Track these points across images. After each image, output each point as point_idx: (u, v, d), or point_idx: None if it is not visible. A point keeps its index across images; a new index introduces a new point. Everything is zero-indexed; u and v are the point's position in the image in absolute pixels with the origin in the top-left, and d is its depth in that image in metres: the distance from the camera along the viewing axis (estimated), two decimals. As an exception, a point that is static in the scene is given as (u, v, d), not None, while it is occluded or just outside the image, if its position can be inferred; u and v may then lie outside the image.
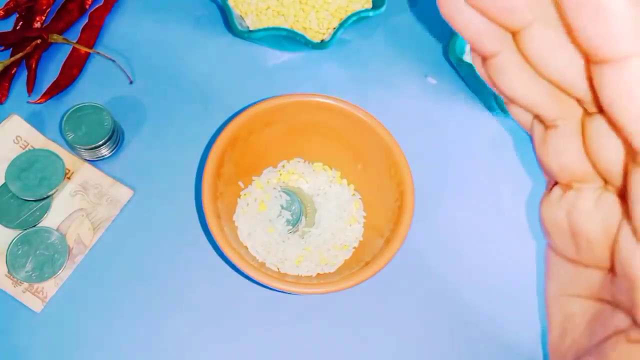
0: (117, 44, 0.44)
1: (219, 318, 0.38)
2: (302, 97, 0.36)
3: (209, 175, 0.34)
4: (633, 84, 0.11)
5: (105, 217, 0.39)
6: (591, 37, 0.11)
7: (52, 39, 0.42)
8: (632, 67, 0.11)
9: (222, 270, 0.38)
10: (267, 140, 0.38)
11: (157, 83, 0.43)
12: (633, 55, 0.11)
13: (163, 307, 0.37)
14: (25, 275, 0.36)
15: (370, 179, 0.38)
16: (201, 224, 0.40)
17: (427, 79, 0.45)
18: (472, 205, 0.41)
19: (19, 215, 0.38)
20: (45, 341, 0.36)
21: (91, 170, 0.40)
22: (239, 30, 0.40)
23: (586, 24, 0.11)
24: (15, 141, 0.40)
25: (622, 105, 0.11)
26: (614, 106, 0.11)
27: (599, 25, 0.11)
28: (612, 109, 0.11)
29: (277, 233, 0.38)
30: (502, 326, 0.39)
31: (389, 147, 0.36)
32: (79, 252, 0.38)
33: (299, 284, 0.33)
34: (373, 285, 0.36)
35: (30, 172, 0.37)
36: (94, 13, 0.44)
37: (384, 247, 0.34)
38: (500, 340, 0.38)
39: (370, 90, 0.44)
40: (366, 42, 0.46)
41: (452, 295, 0.39)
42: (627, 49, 0.11)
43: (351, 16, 0.40)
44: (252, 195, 0.39)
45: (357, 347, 0.38)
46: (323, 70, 0.44)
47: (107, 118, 0.39)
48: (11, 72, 0.41)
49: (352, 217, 0.39)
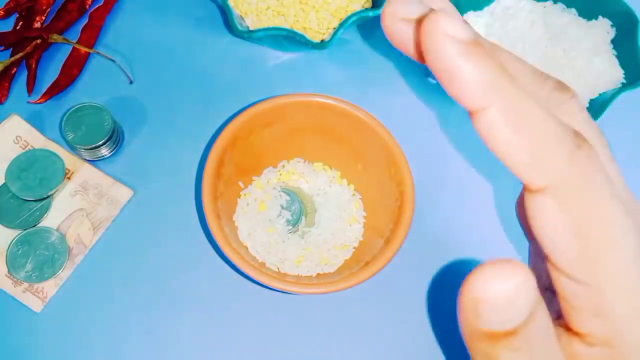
0: (117, 44, 0.44)
1: (219, 318, 0.38)
2: (302, 97, 0.36)
3: (209, 175, 0.34)
4: (490, 126, 0.14)
5: (105, 217, 0.39)
6: (457, 98, 0.14)
7: (52, 39, 0.42)
8: (486, 115, 0.14)
9: (222, 270, 0.38)
10: (267, 140, 0.38)
11: (157, 83, 0.43)
12: (485, 107, 0.14)
13: (163, 307, 0.37)
14: (25, 275, 0.36)
15: (370, 179, 0.38)
16: (201, 224, 0.40)
17: (427, 79, 0.45)
18: (472, 205, 0.41)
19: (19, 215, 0.38)
20: (45, 341, 0.36)
21: (91, 170, 0.40)
22: (239, 30, 0.40)
23: (449, 87, 0.14)
24: (15, 141, 0.40)
25: (490, 143, 0.14)
26: (488, 143, 0.14)
27: (457, 88, 0.14)
28: (486, 144, 0.14)
29: (277, 233, 0.38)
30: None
31: (389, 147, 0.36)
32: (79, 252, 0.38)
33: (299, 284, 0.33)
34: (373, 285, 0.36)
35: (30, 172, 0.37)
36: (94, 13, 0.43)
37: (384, 247, 0.34)
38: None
39: (370, 90, 0.44)
40: (366, 42, 0.46)
41: (452, 295, 0.39)
42: (478, 104, 0.14)
43: (351, 16, 0.40)
44: (252, 195, 0.39)
45: (357, 347, 0.38)
46: (323, 70, 0.44)
47: (107, 118, 0.39)
48: (11, 72, 0.41)
49: (352, 217, 0.39)
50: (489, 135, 0.14)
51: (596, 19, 0.43)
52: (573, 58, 0.42)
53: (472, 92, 0.14)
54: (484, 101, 0.14)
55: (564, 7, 0.44)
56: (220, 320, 0.38)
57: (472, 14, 0.43)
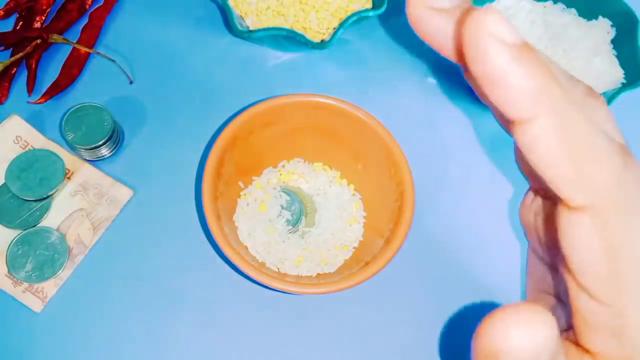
0: (117, 44, 0.44)
1: (219, 318, 0.38)
2: (302, 97, 0.36)
3: (209, 175, 0.34)
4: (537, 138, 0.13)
5: (105, 217, 0.39)
6: (500, 106, 0.13)
7: (52, 39, 0.42)
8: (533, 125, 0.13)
9: (222, 270, 0.38)
10: (267, 140, 0.38)
11: (157, 83, 0.43)
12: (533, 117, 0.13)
13: (163, 307, 0.37)
14: (25, 275, 0.36)
15: (370, 179, 0.38)
16: (201, 224, 0.40)
17: (427, 79, 0.45)
18: (471, 205, 0.41)
19: (19, 215, 0.38)
20: (45, 341, 0.36)
21: (91, 170, 0.40)
22: (239, 30, 0.40)
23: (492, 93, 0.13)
24: (15, 141, 0.40)
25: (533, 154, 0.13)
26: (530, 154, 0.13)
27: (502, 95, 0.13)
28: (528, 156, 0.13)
29: (277, 233, 0.38)
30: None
31: (389, 147, 0.36)
32: (79, 252, 0.38)
33: (299, 284, 0.33)
34: (373, 285, 0.36)
35: (30, 172, 0.37)
36: (94, 13, 0.44)
37: (384, 247, 0.34)
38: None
39: (370, 90, 0.44)
40: (366, 42, 0.46)
41: (452, 295, 0.39)
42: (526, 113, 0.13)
43: (351, 16, 0.40)
44: (252, 195, 0.39)
45: (357, 347, 0.38)
46: (323, 70, 0.44)
47: (107, 118, 0.39)
48: (11, 72, 0.41)
49: (352, 217, 0.39)
50: (534, 147, 0.13)
51: (596, 19, 0.43)
52: (573, 58, 0.42)
53: (521, 100, 0.12)
54: (532, 111, 0.12)
55: (564, 7, 0.44)
56: (220, 320, 0.38)
57: (472, 14, 0.43)
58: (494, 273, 0.40)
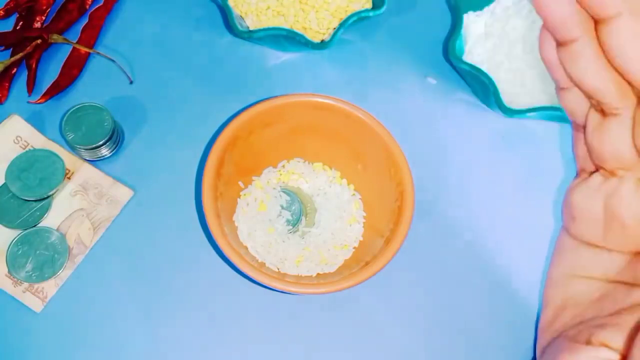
0: (117, 44, 0.44)
1: (219, 318, 0.38)
2: (302, 97, 0.36)
3: (209, 175, 0.34)
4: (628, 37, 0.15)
5: (105, 217, 0.39)
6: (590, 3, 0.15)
7: (52, 39, 0.42)
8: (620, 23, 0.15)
9: (222, 270, 0.38)
10: (267, 140, 0.38)
11: (157, 83, 0.43)
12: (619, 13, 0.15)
13: (163, 307, 0.38)
14: (25, 275, 0.36)
15: (370, 179, 0.38)
16: (201, 224, 0.40)
17: (427, 79, 0.45)
18: (472, 205, 0.41)
19: (19, 215, 0.38)
20: (45, 341, 0.36)
21: (91, 170, 0.40)
22: (239, 30, 0.40)
23: None
24: (15, 141, 0.40)
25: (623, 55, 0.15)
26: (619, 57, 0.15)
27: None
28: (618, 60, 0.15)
29: (277, 233, 0.38)
30: (502, 325, 0.39)
31: (389, 147, 0.36)
32: (79, 252, 0.38)
33: (299, 284, 0.33)
34: (373, 285, 0.36)
35: (30, 172, 0.37)
36: (94, 13, 0.44)
37: (384, 247, 0.34)
38: (500, 339, 0.38)
39: (370, 90, 0.44)
40: (366, 42, 0.46)
41: (452, 295, 0.39)
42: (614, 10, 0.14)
43: (351, 16, 0.40)
44: (252, 195, 0.39)
45: (356, 346, 0.38)
46: (323, 70, 0.44)
47: (107, 118, 0.39)
48: (11, 72, 0.41)
49: (352, 217, 0.39)
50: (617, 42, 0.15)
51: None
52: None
53: None
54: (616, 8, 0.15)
55: (564, 7, 0.44)
56: (220, 320, 0.38)
57: (472, 14, 0.43)
58: (494, 273, 0.40)
